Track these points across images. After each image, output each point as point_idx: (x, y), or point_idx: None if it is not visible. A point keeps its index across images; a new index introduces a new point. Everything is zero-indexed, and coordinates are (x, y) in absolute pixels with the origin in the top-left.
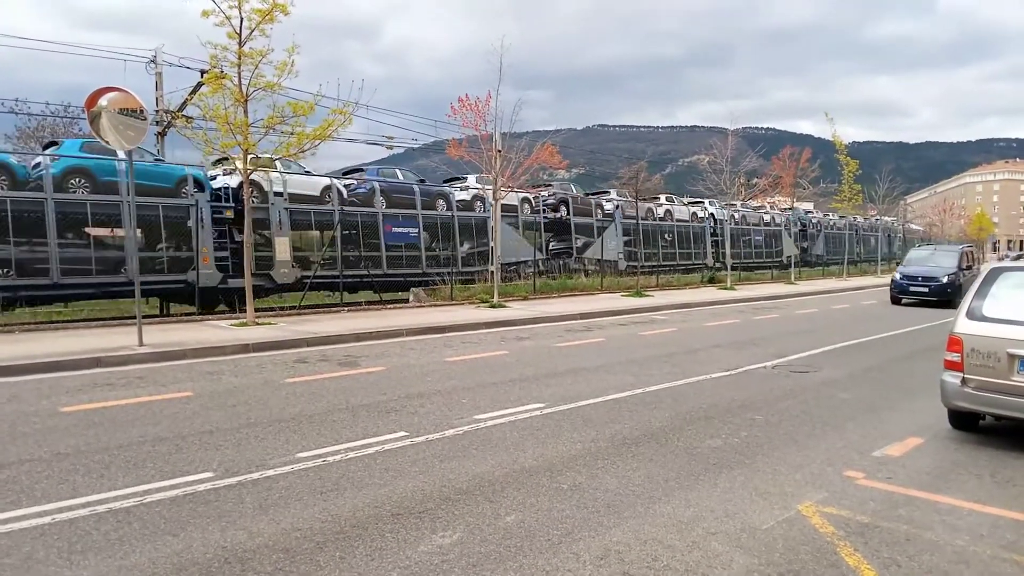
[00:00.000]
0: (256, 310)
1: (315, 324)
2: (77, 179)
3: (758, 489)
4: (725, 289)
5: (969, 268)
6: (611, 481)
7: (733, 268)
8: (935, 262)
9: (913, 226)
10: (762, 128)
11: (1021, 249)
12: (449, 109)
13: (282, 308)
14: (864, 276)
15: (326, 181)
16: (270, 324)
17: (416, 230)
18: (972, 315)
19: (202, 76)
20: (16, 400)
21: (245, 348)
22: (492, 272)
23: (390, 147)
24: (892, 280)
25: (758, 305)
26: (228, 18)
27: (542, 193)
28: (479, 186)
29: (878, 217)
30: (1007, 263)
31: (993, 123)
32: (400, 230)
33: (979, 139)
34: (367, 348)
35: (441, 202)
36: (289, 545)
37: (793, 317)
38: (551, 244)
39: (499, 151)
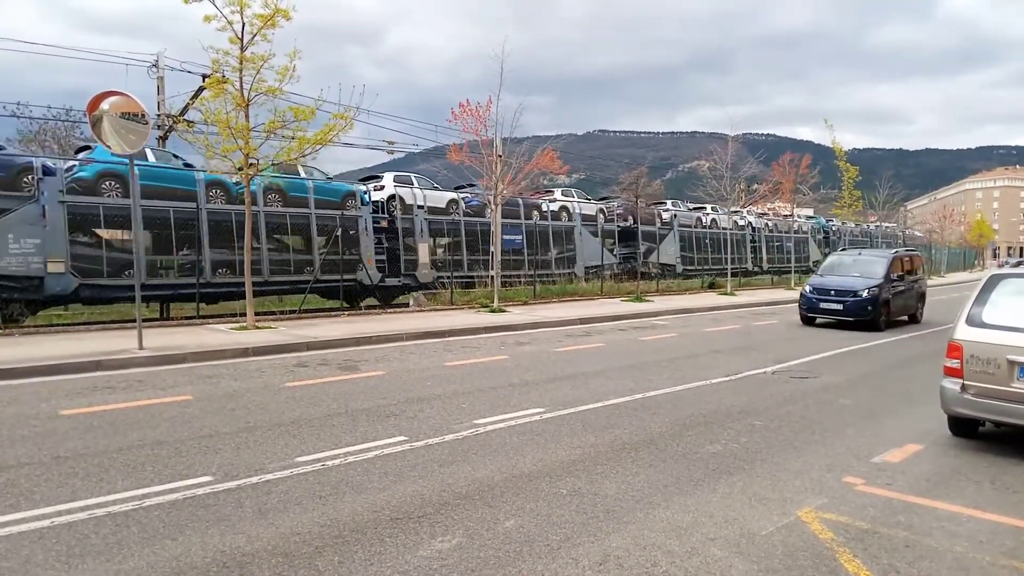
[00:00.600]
0: (256, 314)
1: (315, 328)
2: (273, 195)
3: (757, 495)
4: (725, 295)
5: (904, 278)
6: (610, 486)
7: (767, 271)
8: (859, 270)
9: (917, 232)
10: (762, 134)
11: (1021, 256)
12: (450, 114)
13: (282, 312)
14: None
15: (451, 195)
16: (270, 328)
17: (520, 237)
18: (972, 321)
19: (204, 81)
20: (16, 403)
21: (245, 352)
22: (492, 276)
23: (391, 152)
24: (801, 294)
25: (758, 311)
26: (230, 23)
27: (611, 203)
28: (564, 199)
29: (878, 224)
30: (1006, 270)
31: (993, 130)
32: (508, 237)
33: (979, 146)
34: (367, 352)
35: (535, 212)
36: (288, 549)
37: (793, 323)
38: (615, 250)
39: (500, 156)
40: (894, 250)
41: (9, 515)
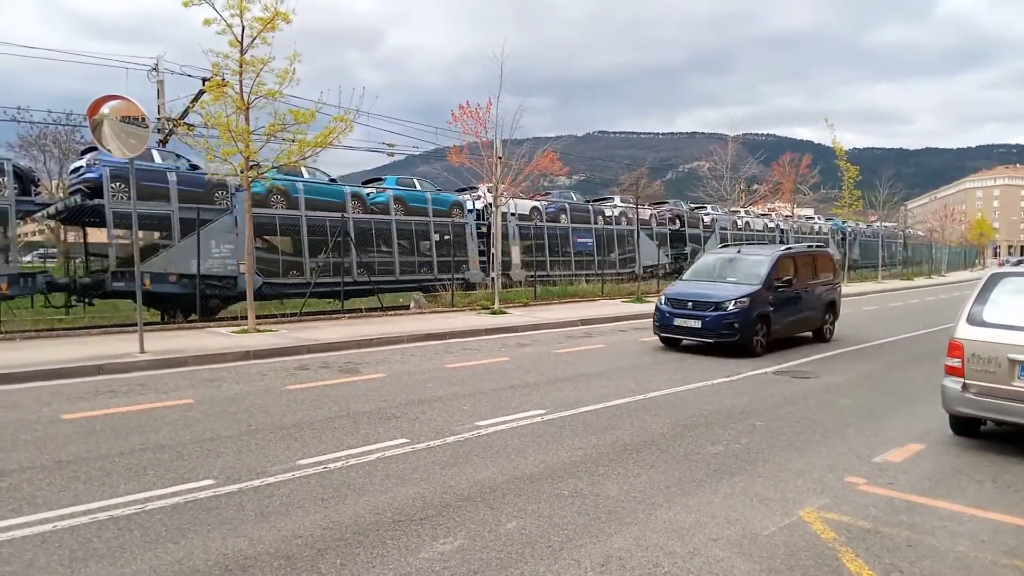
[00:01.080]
0: (257, 317)
1: (316, 331)
2: (398, 205)
3: (759, 495)
4: None
5: (794, 284)
6: (612, 487)
7: None
8: (735, 274)
9: (920, 232)
10: (762, 134)
11: (1021, 254)
12: (450, 116)
13: (283, 315)
14: (865, 282)
15: (534, 203)
16: (271, 331)
17: (591, 240)
18: (973, 320)
19: (204, 84)
20: (18, 407)
21: (246, 355)
22: (493, 278)
23: (391, 154)
24: (656, 307)
25: None
26: (230, 26)
27: (661, 208)
28: (623, 205)
29: (880, 223)
30: (1007, 268)
31: (993, 129)
32: (581, 240)
33: (980, 145)
34: (368, 355)
35: (599, 217)
36: (290, 552)
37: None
38: (667, 251)
39: (500, 158)
40: (784, 246)
41: (12, 519)
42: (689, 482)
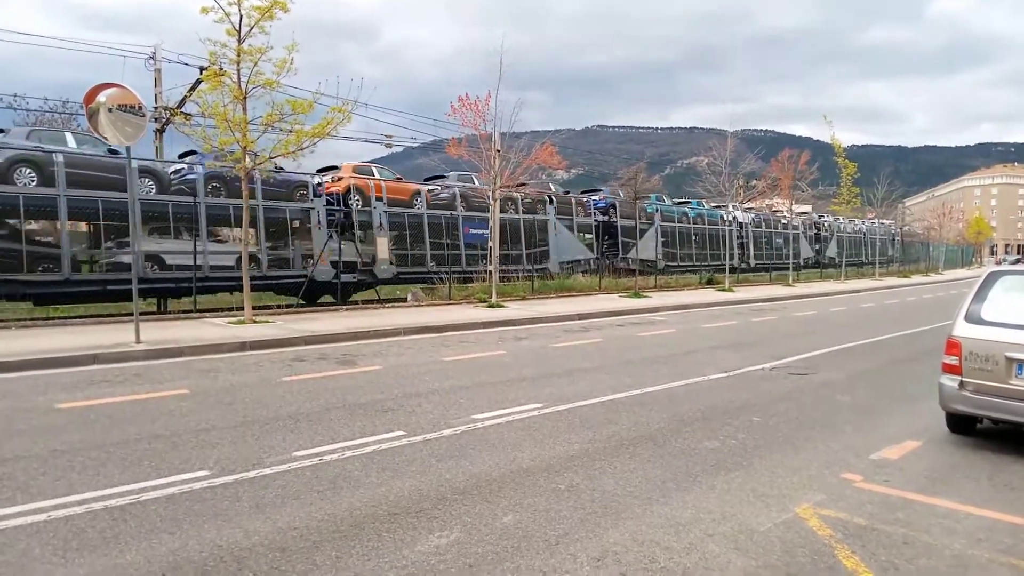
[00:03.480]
0: (253, 308)
1: (312, 323)
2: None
3: (756, 491)
4: (723, 291)
5: None
6: (608, 482)
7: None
8: None
9: (917, 229)
10: (761, 130)
11: (1019, 253)
12: (448, 108)
13: (279, 306)
14: (862, 279)
15: (580, 197)
16: (267, 322)
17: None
18: (970, 318)
19: (201, 73)
20: (12, 396)
21: (242, 346)
22: (491, 272)
23: (389, 146)
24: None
25: (756, 307)
26: (227, 15)
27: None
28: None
29: (877, 220)
30: (1005, 267)
31: (988, 128)
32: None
33: (978, 143)
34: (365, 347)
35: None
36: (285, 544)
37: (791, 319)
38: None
39: (498, 151)
40: None
41: (6, 508)
42: (685, 477)
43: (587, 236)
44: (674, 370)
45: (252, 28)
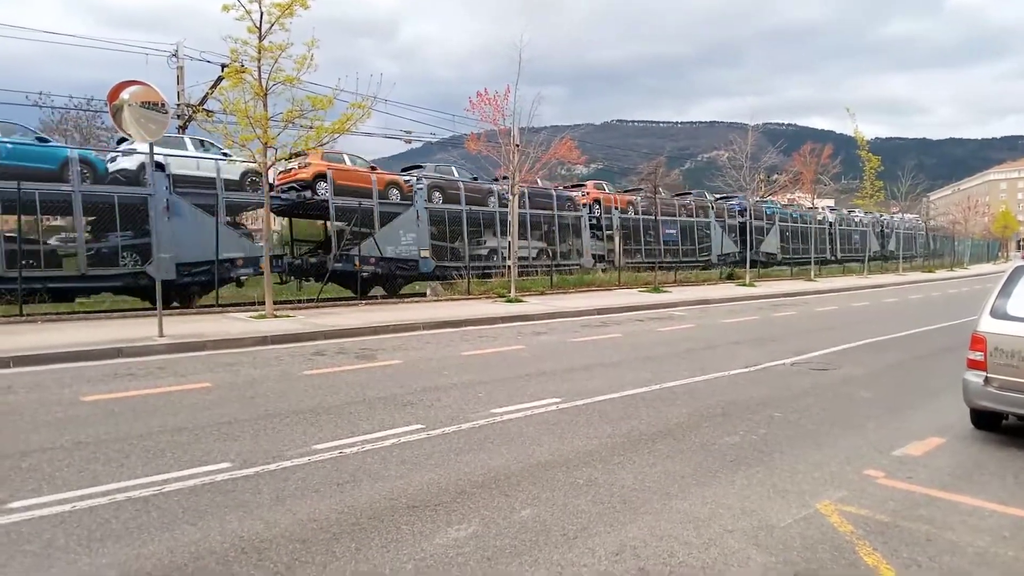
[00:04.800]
0: (275, 303)
1: (332, 317)
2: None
3: (776, 487)
4: (743, 286)
5: None
6: (627, 477)
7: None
8: None
9: (943, 223)
10: (782, 124)
11: None
12: (467, 103)
13: (299, 301)
14: (885, 274)
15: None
16: (288, 317)
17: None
18: (996, 313)
19: (222, 70)
20: (38, 389)
21: (263, 340)
22: (509, 267)
23: (408, 141)
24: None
25: (777, 302)
26: (248, 12)
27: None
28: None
29: (901, 214)
30: None
31: (1013, 121)
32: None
33: (1004, 136)
34: (384, 341)
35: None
36: (305, 536)
37: (812, 314)
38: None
39: (517, 146)
40: None
41: (31, 499)
42: (705, 472)
43: (731, 235)
44: (693, 365)
45: (272, 25)
